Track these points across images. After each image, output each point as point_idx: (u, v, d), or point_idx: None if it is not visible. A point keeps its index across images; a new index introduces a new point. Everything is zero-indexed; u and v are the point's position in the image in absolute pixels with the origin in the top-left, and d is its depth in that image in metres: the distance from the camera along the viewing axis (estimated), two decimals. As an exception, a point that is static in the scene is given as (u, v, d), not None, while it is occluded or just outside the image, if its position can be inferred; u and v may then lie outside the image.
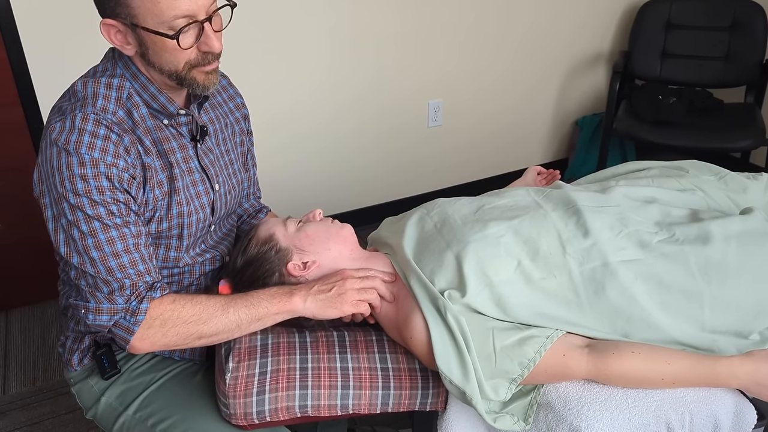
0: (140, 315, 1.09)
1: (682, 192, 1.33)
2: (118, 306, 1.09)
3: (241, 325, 1.14)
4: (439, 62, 2.82)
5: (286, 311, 1.17)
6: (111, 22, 1.06)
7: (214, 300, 1.14)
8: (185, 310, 1.11)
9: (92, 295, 1.09)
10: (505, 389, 1.10)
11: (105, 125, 1.07)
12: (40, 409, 2.07)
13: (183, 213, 1.20)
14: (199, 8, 1.04)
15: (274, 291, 1.18)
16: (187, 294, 1.16)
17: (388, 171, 2.92)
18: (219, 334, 1.14)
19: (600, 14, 3.13)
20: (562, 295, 1.15)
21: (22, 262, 2.43)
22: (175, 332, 1.11)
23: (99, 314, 1.09)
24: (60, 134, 1.05)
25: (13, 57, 2.08)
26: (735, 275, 1.13)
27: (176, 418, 1.20)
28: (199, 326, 1.11)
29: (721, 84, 2.97)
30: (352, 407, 1.17)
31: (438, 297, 1.14)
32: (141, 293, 1.10)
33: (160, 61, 1.09)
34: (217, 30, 1.09)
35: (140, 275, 1.10)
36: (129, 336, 1.09)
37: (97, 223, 1.06)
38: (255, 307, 1.14)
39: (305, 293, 1.18)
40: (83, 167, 1.04)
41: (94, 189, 1.05)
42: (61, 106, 1.12)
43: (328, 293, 1.18)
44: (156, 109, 1.15)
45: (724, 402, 1.11)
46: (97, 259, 1.07)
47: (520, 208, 1.27)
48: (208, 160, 1.25)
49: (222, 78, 1.37)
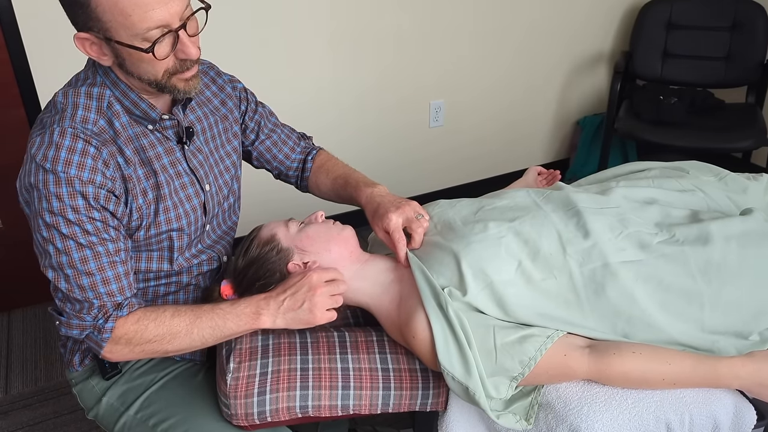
0: (106, 333, 1.10)
1: (682, 193, 1.33)
2: (86, 323, 1.10)
3: (206, 343, 1.15)
4: (441, 63, 2.83)
5: (252, 330, 1.17)
6: (84, 36, 1.04)
7: (179, 319, 1.13)
8: (148, 331, 1.11)
9: (64, 309, 1.11)
10: (506, 387, 1.10)
11: (83, 139, 1.06)
12: (42, 409, 2.07)
13: (171, 219, 1.19)
14: (172, 17, 1.01)
15: (241, 309, 1.16)
16: (154, 311, 1.13)
17: (389, 171, 2.93)
18: (184, 350, 1.16)
19: (601, 14, 3.13)
20: (563, 296, 1.15)
21: (23, 263, 2.43)
22: (141, 349, 1.13)
23: (70, 328, 1.11)
24: (38, 149, 1.05)
25: (15, 58, 2.09)
26: (735, 276, 1.13)
27: (177, 418, 1.21)
28: (163, 345, 1.12)
29: (722, 84, 2.97)
30: (352, 407, 1.17)
31: (440, 292, 1.14)
32: (108, 312, 1.10)
33: (138, 71, 1.07)
34: (192, 35, 1.06)
35: (111, 295, 1.10)
36: (99, 349, 1.12)
37: (71, 242, 1.06)
38: (220, 328, 1.14)
39: (274, 312, 1.16)
40: (59, 186, 1.04)
41: (69, 208, 1.05)
42: (42, 118, 1.12)
43: (297, 310, 1.16)
44: (138, 115, 1.14)
45: (724, 402, 1.11)
46: (70, 276, 1.08)
47: (521, 209, 1.27)
48: (197, 161, 1.25)
49: (209, 70, 1.36)
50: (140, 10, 0.98)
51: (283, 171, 1.52)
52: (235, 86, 1.39)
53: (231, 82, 1.39)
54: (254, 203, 2.28)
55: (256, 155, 1.47)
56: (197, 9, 1.07)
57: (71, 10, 1.03)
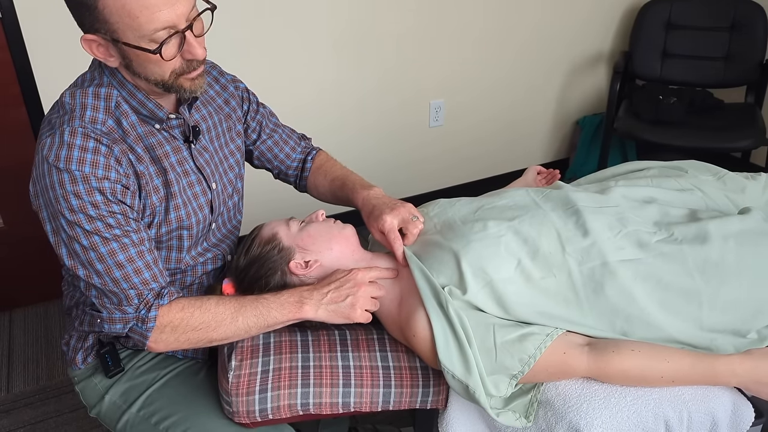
0: (150, 323, 1.11)
1: (680, 192, 1.34)
2: (129, 315, 1.11)
3: (250, 332, 1.16)
4: (441, 63, 2.83)
5: (296, 320, 1.19)
6: (91, 37, 1.04)
7: (224, 307, 1.15)
8: (194, 318, 1.13)
9: (103, 306, 1.12)
10: (506, 385, 1.11)
11: (94, 138, 1.07)
12: (44, 407, 2.08)
13: (182, 216, 1.20)
14: (179, 18, 1.02)
15: (285, 298, 1.18)
16: (198, 300, 1.16)
17: (389, 171, 2.93)
18: (228, 339, 1.17)
19: (601, 15, 3.13)
20: (562, 294, 1.16)
21: (25, 262, 2.44)
22: (186, 337, 1.13)
23: (113, 323, 1.12)
24: (50, 150, 1.05)
25: (17, 57, 2.09)
26: (733, 275, 1.14)
27: (179, 415, 1.21)
28: (208, 333, 1.14)
29: (721, 84, 2.98)
30: (353, 405, 1.18)
31: (440, 291, 1.14)
32: (149, 301, 1.11)
33: (145, 72, 1.07)
34: (198, 35, 1.07)
35: (145, 283, 1.11)
36: (144, 340, 1.12)
37: (96, 237, 1.07)
38: (264, 317, 1.16)
39: (317, 302, 1.18)
40: (75, 184, 1.04)
41: (88, 204, 1.06)
42: (50, 119, 1.12)
43: (340, 303, 1.18)
44: (145, 115, 1.15)
45: (722, 400, 1.12)
46: (102, 271, 1.08)
47: (520, 207, 1.28)
48: (203, 160, 1.25)
49: (212, 69, 1.37)
50: (147, 11, 0.99)
51: (282, 171, 1.52)
52: (237, 86, 1.40)
53: (233, 81, 1.40)
54: (256, 203, 2.29)
55: (257, 155, 1.48)
56: (203, 10, 1.08)
57: (78, 12, 1.04)
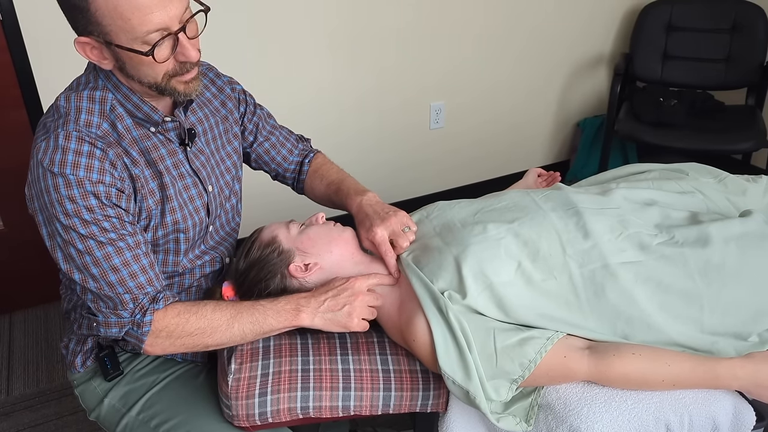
0: (145, 327, 1.11)
1: (681, 194, 1.34)
2: (124, 319, 1.11)
3: (246, 338, 1.16)
4: (441, 64, 2.83)
5: (292, 327, 1.18)
6: (85, 40, 1.04)
7: (220, 313, 1.14)
8: (189, 324, 1.13)
9: (98, 310, 1.12)
10: (506, 389, 1.11)
11: (88, 141, 1.07)
12: (44, 410, 2.08)
13: (178, 220, 1.20)
14: (172, 19, 1.01)
15: (281, 306, 1.18)
16: (194, 305, 1.16)
17: (390, 173, 2.93)
18: (224, 344, 1.17)
19: (601, 17, 3.13)
20: (563, 297, 1.15)
21: (25, 264, 2.44)
22: (182, 342, 1.14)
23: (109, 327, 1.12)
24: (45, 154, 1.05)
25: (17, 59, 2.10)
26: (734, 277, 1.14)
27: (179, 419, 1.21)
28: (204, 338, 1.14)
29: (722, 86, 2.97)
30: (353, 408, 1.18)
31: (439, 296, 1.14)
32: (144, 306, 1.11)
33: (138, 74, 1.07)
34: (192, 37, 1.07)
35: (141, 287, 1.11)
36: (140, 344, 1.12)
37: (91, 241, 1.07)
38: (260, 324, 1.16)
39: (313, 310, 1.18)
40: (69, 188, 1.04)
41: (83, 209, 1.05)
42: (45, 122, 1.12)
43: (337, 312, 1.18)
44: (140, 118, 1.14)
45: (723, 403, 1.11)
46: (97, 275, 1.08)
47: (520, 210, 1.27)
48: (199, 163, 1.25)
49: (208, 71, 1.36)
50: (139, 13, 0.98)
51: (280, 173, 1.52)
52: (234, 88, 1.40)
53: (230, 83, 1.40)
54: (256, 205, 2.29)
55: (255, 157, 1.48)
56: (196, 11, 1.07)
57: (71, 15, 1.04)
